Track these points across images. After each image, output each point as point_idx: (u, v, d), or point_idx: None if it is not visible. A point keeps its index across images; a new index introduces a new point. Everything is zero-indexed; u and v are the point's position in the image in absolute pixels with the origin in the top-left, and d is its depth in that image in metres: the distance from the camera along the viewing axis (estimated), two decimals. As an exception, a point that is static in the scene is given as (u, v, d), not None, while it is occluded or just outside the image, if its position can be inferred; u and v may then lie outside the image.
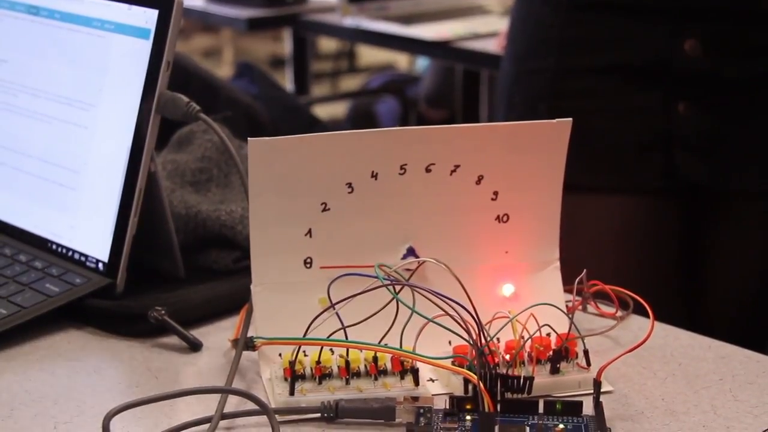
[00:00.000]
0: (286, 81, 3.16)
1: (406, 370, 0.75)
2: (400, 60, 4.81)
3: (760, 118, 1.23)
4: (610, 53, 1.24)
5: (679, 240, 1.28)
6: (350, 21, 2.47)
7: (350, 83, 4.78)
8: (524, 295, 0.83)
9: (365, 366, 0.75)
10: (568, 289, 0.84)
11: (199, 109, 0.88)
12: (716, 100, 1.22)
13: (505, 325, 0.76)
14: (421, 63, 4.21)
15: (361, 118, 3.41)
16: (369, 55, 4.96)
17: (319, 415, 0.72)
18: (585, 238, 1.24)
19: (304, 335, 0.75)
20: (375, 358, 0.75)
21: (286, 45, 3.32)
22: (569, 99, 1.26)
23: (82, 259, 0.91)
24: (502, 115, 1.36)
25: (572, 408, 0.72)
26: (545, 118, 1.23)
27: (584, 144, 1.23)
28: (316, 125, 1.68)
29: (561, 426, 0.71)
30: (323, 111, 3.62)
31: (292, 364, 0.74)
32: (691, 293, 1.29)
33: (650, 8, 1.21)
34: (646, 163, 1.25)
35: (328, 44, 4.92)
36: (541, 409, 0.72)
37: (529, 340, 0.76)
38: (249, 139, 0.77)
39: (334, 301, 0.75)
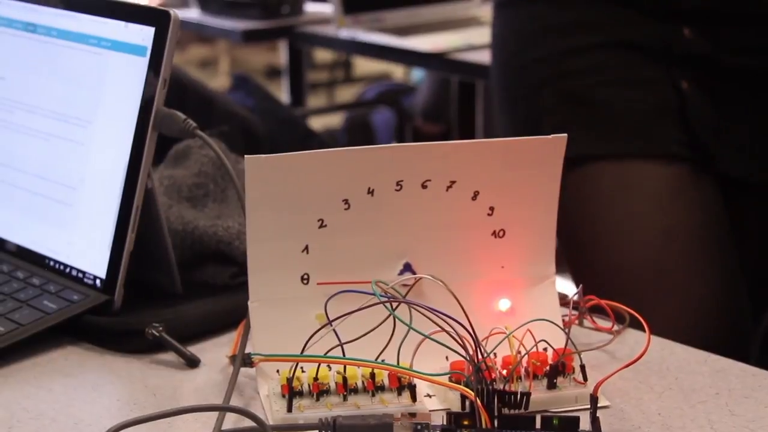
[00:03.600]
0: (282, 91, 3.16)
1: (404, 386, 0.75)
2: (396, 70, 4.82)
3: (760, 102, 1.23)
4: (610, 32, 1.24)
5: (704, 208, 1.24)
6: (346, 33, 2.47)
7: (346, 93, 4.79)
8: (521, 310, 0.83)
9: (362, 382, 0.76)
10: (564, 304, 0.85)
11: (195, 126, 0.88)
12: (717, 84, 1.22)
13: (502, 340, 0.76)
14: (417, 73, 4.22)
15: (357, 128, 3.42)
16: (365, 65, 4.97)
17: (316, 431, 0.73)
18: (620, 205, 1.22)
19: (302, 352, 0.75)
20: (372, 375, 0.75)
21: (281, 55, 3.33)
22: (573, 78, 1.26)
23: (80, 275, 0.91)
24: (507, 117, 1.34)
25: (569, 423, 0.72)
26: (550, 104, 1.26)
27: (594, 115, 1.22)
28: (311, 137, 1.68)
29: (558, 441, 0.71)
30: (319, 122, 3.62)
31: (289, 380, 0.75)
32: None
33: (648, 7, 1.22)
34: (659, 131, 1.23)
35: (323, 54, 4.93)
36: (538, 425, 0.72)
37: (526, 355, 0.76)
38: (246, 156, 0.77)
39: (331, 318, 0.75)
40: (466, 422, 0.72)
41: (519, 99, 1.32)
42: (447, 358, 0.76)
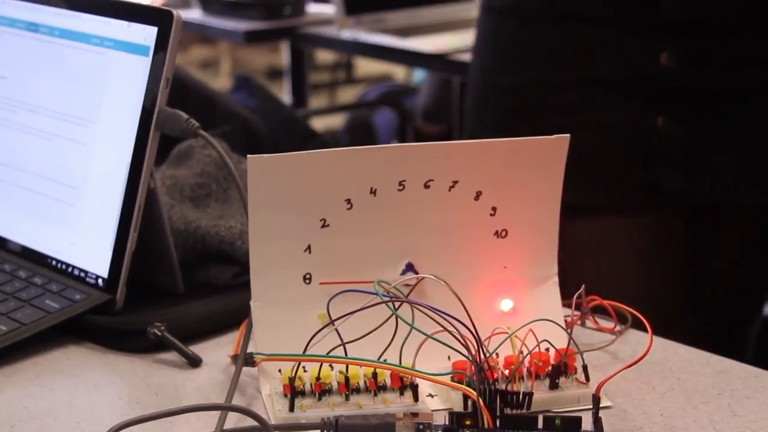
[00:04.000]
0: (284, 92, 3.16)
1: (406, 385, 0.75)
2: (398, 71, 4.82)
3: (739, 129, 1.22)
4: (586, 67, 1.22)
5: (680, 254, 1.27)
6: (347, 34, 2.47)
7: (348, 94, 4.78)
8: (523, 310, 0.83)
9: (365, 382, 0.76)
10: (566, 304, 0.85)
11: (198, 126, 0.88)
12: (695, 112, 1.21)
13: (504, 340, 0.76)
14: (418, 74, 4.22)
15: (359, 129, 3.41)
16: (366, 66, 4.97)
17: (318, 431, 0.72)
18: (581, 257, 1.23)
19: (304, 351, 0.75)
20: (374, 374, 0.75)
21: (283, 56, 3.33)
22: (548, 116, 1.24)
23: (82, 275, 0.91)
24: (471, 133, 1.33)
25: (571, 423, 0.72)
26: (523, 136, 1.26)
27: (569, 160, 1.23)
28: (313, 138, 1.68)
29: (560, 441, 0.71)
30: (321, 122, 3.62)
31: (291, 380, 0.75)
32: (693, 304, 1.29)
33: (625, 21, 1.20)
34: (628, 179, 1.23)
35: (325, 55, 4.93)
36: (540, 425, 0.72)
37: (528, 355, 0.76)
38: (248, 156, 0.77)
39: (333, 317, 0.75)
40: (468, 422, 0.72)
41: (489, 122, 1.31)
42: (449, 358, 0.76)
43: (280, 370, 0.77)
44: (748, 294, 1.32)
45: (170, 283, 0.92)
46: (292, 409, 0.74)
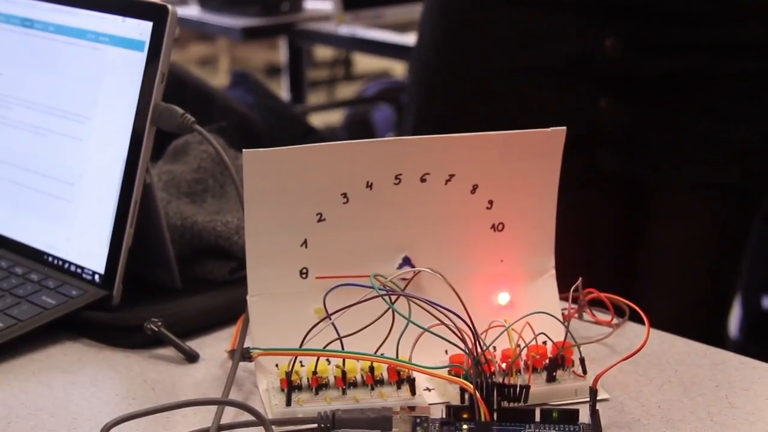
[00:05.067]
0: (282, 89, 3.16)
1: (403, 379, 0.75)
2: (396, 67, 4.82)
3: (680, 112, 1.24)
4: (532, 52, 1.25)
5: (615, 231, 1.31)
6: (345, 29, 2.47)
7: (346, 91, 4.78)
8: (520, 303, 0.83)
9: (362, 376, 0.75)
10: (563, 297, 0.85)
11: (193, 121, 0.88)
12: (637, 95, 1.24)
13: (501, 333, 0.76)
14: (417, 70, 4.20)
15: (357, 125, 3.41)
16: (365, 62, 4.97)
17: (316, 425, 0.72)
18: None
19: (301, 345, 0.75)
20: (371, 368, 0.75)
21: (281, 53, 3.32)
22: (496, 99, 1.27)
23: (78, 271, 0.91)
24: (417, 106, 1.35)
25: (569, 416, 0.72)
26: (474, 118, 1.27)
27: None
28: (311, 134, 1.68)
29: (557, 434, 0.71)
30: (319, 119, 3.62)
31: (288, 374, 0.74)
32: (628, 283, 1.31)
33: (571, 5, 1.22)
34: (569, 161, 1.25)
35: (323, 52, 4.92)
36: (537, 418, 0.72)
37: (525, 348, 0.76)
38: (244, 150, 0.77)
39: (330, 311, 0.75)
40: (465, 415, 0.72)
41: (439, 97, 1.32)
42: (446, 351, 0.76)
43: (277, 365, 0.77)
44: (698, 274, 1.32)
45: (167, 279, 0.92)
46: (289, 403, 0.74)
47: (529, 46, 1.25)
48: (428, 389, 0.78)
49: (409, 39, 2.35)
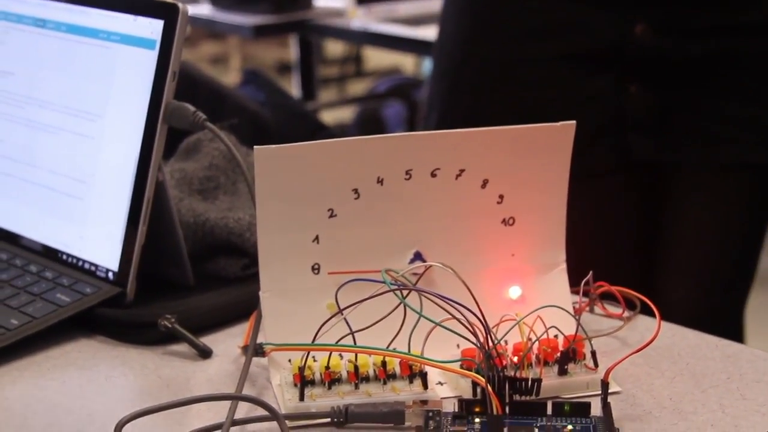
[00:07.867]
0: (293, 86, 3.17)
1: (415, 373, 0.76)
2: (407, 63, 4.82)
3: (709, 95, 1.25)
4: (561, 41, 1.25)
5: (637, 219, 1.32)
6: (358, 23, 2.47)
7: (357, 87, 4.78)
8: (531, 297, 0.83)
9: (374, 370, 0.76)
10: (574, 291, 0.85)
11: (205, 118, 0.89)
12: (667, 79, 1.24)
13: (512, 327, 0.76)
14: (428, 66, 4.21)
15: (368, 122, 3.41)
16: (375, 59, 4.97)
17: (329, 420, 0.73)
18: None
19: (313, 341, 0.75)
20: (384, 363, 0.76)
21: (292, 51, 3.33)
22: (525, 89, 1.27)
23: (92, 268, 0.91)
24: (442, 99, 1.35)
25: (580, 409, 0.72)
26: (502, 108, 1.27)
27: None
28: (322, 131, 1.68)
29: (569, 427, 0.71)
30: (330, 116, 3.63)
31: (301, 369, 0.75)
32: (649, 273, 1.32)
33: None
34: (599, 147, 1.26)
35: (334, 49, 4.93)
36: (549, 411, 0.72)
37: (537, 342, 0.76)
38: (255, 147, 0.77)
39: (342, 307, 0.75)
40: (477, 409, 0.72)
41: (463, 89, 1.32)
42: (458, 345, 0.76)
43: (289, 360, 0.78)
44: (719, 260, 1.33)
45: (180, 276, 0.92)
46: (302, 398, 0.74)
47: (558, 35, 1.25)
48: (440, 383, 0.78)
49: (423, 32, 2.35)
